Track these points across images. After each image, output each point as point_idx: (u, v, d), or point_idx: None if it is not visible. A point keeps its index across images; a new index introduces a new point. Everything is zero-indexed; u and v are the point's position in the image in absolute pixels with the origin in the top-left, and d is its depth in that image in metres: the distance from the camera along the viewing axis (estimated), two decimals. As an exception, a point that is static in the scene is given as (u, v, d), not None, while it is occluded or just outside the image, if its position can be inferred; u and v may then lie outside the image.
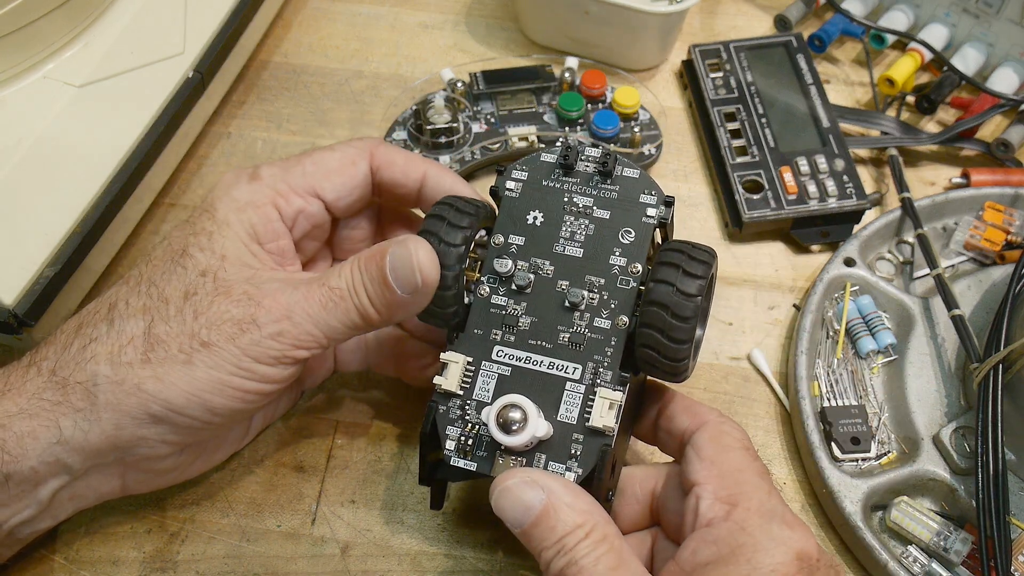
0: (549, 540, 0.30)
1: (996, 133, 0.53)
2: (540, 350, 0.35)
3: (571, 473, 0.33)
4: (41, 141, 0.42)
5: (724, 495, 0.32)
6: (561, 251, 0.36)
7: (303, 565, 0.38)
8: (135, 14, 0.47)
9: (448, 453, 0.35)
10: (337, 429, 0.42)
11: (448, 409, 0.35)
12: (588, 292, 0.35)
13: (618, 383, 0.34)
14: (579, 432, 0.34)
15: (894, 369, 0.43)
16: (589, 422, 0.33)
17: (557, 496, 0.31)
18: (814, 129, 0.51)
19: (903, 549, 0.38)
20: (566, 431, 0.34)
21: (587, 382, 0.34)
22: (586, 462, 0.33)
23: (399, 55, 0.57)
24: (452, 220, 0.35)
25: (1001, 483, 0.36)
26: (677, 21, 0.54)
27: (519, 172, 0.37)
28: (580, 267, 0.36)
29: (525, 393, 0.34)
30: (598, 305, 0.35)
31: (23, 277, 0.39)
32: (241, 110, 0.54)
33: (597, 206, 0.36)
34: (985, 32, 0.53)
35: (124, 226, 0.46)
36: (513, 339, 0.35)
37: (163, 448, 0.34)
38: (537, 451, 0.34)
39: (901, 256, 0.47)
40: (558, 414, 0.34)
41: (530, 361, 0.35)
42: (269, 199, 0.36)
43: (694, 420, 0.34)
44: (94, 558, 0.38)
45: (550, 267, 0.36)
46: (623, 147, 0.50)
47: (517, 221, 0.37)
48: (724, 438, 0.33)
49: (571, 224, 0.36)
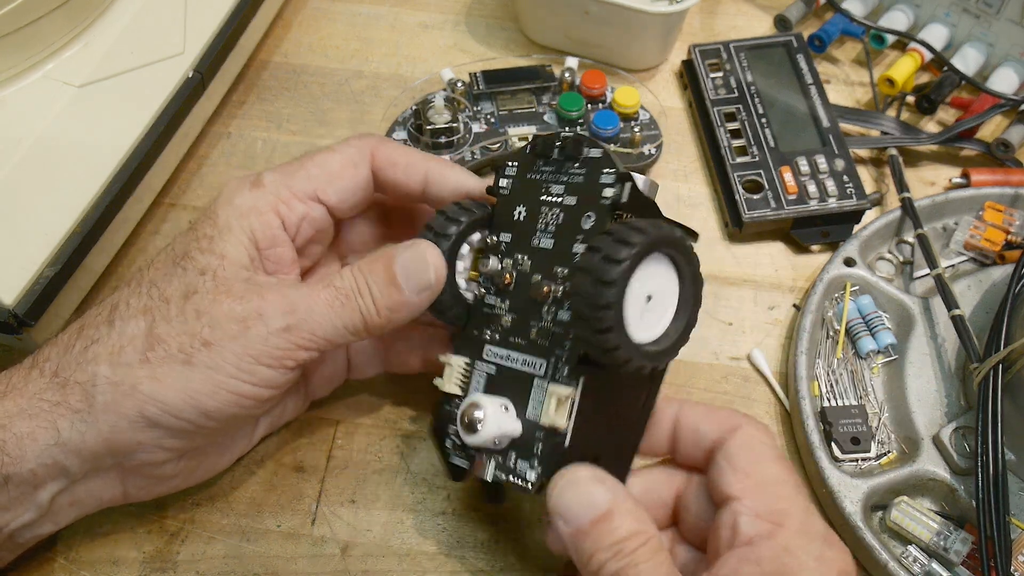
0: (606, 542, 0.30)
1: (996, 133, 0.53)
2: (517, 347, 0.34)
3: (532, 472, 0.32)
4: (41, 141, 0.42)
5: (764, 511, 0.30)
6: (536, 244, 0.35)
7: (303, 565, 0.38)
8: (135, 14, 0.48)
9: (447, 451, 0.35)
10: (337, 429, 0.42)
11: (450, 409, 0.35)
12: (552, 284, 0.34)
13: (571, 378, 0.32)
14: (540, 431, 0.33)
15: (894, 369, 0.43)
16: (540, 420, 0.32)
17: (621, 500, 0.30)
18: (814, 129, 0.51)
19: (903, 549, 0.38)
20: (532, 429, 0.33)
21: (549, 378, 0.33)
22: (546, 462, 0.32)
23: (399, 55, 0.57)
24: (450, 214, 0.36)
25: (1001, 483, 0.36)
26: (677, 21, 0.54)
27: (510, 169, 0.37)
28: (550, 259, 0.34)
29: (506, 392, 0.33)
30: (561, 297, 0.33)
31: (23, 277, 0.39)
32: (241, 110, 0.54)
33: (566, 193, 0.35)
34: (985, 32, 0.53)
35: (124, 226, 0.46)
36: (498, 337, 0.35)
37: (161, 454, 0.34)
38: (510, 449, 0.33)
39: (901, 256, 0.47)
40: (527, 412, 0.33)
41: (509, 359, 0.34)
42: (271, 206, 0.36)
43: (721, 426, 0.33)
44: (94, 558, 0.38)
45: (528, 261, 0.35)
46: (623, 147, 0.50)
47: (506, 218, 0.36)
48: (758, 446, 0.32)
49: (546, 215, 0.35)
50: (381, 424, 0.42)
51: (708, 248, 0.49)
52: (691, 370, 0.44)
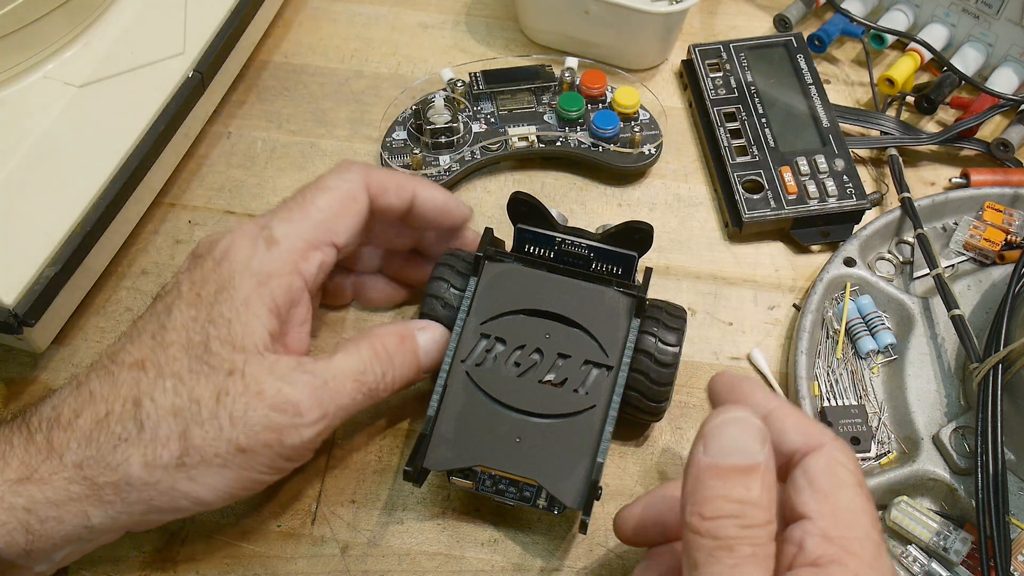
0: (736, 495, 0.26)
1: (996, 133, 0.53)
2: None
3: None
4: (41, 141, 0.42)
5: (836, 535, 0.28)
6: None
7: (303, 565, 0.38)
8: (135, 14, 0.48)
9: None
10: (337, 429, 0.42)
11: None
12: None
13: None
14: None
15: (894, 369, 0.43)
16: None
17: (770, 469, 0.27)
18: (814, 129, 0.51)
19: (903, 549, 0.38)
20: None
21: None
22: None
23: (399, 55, 0.57)
24: (456, 285, 0.40)
25: (1001, 483, 0.36)
26: (677, 21, 0.54)
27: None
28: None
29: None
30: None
31: (23, 277, 0.39)
32: (241, 110, 0.54)
33: None
34: (985, 32, 0.53)
35: (124, 226, 0.46)
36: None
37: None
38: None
39: (901, 256, 0.47)
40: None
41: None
42: (291, 265, 0.35)
43: (807, 439, 0.30)
44: (94, 558, 0.38)
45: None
46: (623, 147, 0.50)
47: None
48: (840, 470, 0.29)
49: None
50: (381, 424, 0.42)
51: (708, 248, 0.49)
52: (691, 370, 0.44)
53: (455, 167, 0.49)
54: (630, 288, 0.39)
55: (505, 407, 0.37)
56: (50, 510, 0.32)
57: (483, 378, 0.37)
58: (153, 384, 0.33)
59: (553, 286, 0.39)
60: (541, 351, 0.38)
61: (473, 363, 0.38)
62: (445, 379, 0.37)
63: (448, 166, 0.49)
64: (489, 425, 0.36)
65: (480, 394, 0.37)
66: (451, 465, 0.36)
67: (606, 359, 0.37)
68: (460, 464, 0.36)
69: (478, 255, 0.39)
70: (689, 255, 0.49)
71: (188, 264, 0.37)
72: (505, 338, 0.38)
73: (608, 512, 0.38)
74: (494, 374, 0.37)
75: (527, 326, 0.38)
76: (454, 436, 0.36)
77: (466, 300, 0.39)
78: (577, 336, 0.38)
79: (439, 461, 0.36)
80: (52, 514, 0.32)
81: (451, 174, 0.49)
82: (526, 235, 0.41)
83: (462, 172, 0.49)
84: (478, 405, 0.37)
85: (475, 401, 0.37)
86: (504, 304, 0.39)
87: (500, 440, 0.36)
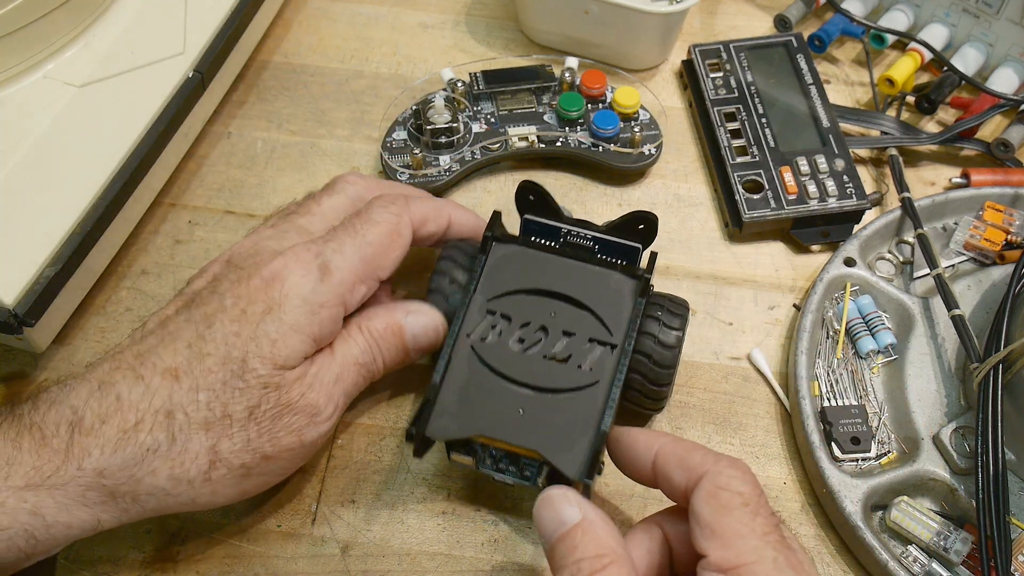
0: (569, 559, 0.30)
1: (996, 133, 0.53)
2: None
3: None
4: (41, 141, 0.42)
5: (729, 567, 0.29)
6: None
7: (303, 565, 0.38)
8: (135, 14, 0.48)
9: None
10: (337, 429, 0.42)
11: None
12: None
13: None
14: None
15: (894, 369, 0.43)
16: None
17: (590, 522, 0.31)
18: (814, 129, 0.51)
19: (903, 549, 0.38)
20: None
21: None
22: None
23: (399, 55, 0.57)
24: (455, 277, 0.40)
25: (1001, 483, 0.36)
26: (677, 21, 0.54)
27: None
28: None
29: None
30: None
31: (23, 277, 0.39)
32: (241, 110, 0.54)
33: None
34: (985, 32, 0.53)
35: (124, 226, 0.46)
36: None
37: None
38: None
39: (901, 256, 0.47)
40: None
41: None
42: (339, 297, 0.36)
43: (689, 476, 0.32)
44: (94, 558, 0.38)
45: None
46: (623, 147, 0.50)
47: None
48: (722, 496, 0.31)
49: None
50: (381, 424, 0.42)
51: (708, 248, 0.49)
52: (691, 370, 0.44)
53: (455, 167, 0.49)
54: (635, 271, 0.39)
55: (509, 380, 0.37)
56: (60, 515, 0.32)
57: (487, 352, 0.37)
58: (187, 396, 0.33)
59: (559, 267, 0.39)
60: (546, 329, 0.38)
61: (478, 337, 0.38)
62: (450, 350, 0.37)
63: (448, 166, 0.49)
64: (492, 398, 0.36)
65: (484, 367, 0.37)
66: (453, 435, 0.36)
67: (610, 338, 0.38)
68: (462, 434, 0.36)
69: (487, 235, 0.40)
70: (689, 255, 0.49)
71: (225, 271, 0.36)
72: (511, 315, 0.38)
73: (608, 512, 0.38)
74: (499, 349, 0.37)
75: (533, 304, 0.38)
76: (457, 408, 0.36)
77: (474, 278, 0.39)
78: (582, 316, 0.38)
79: (441, 430, 0.36)
80: (62, 519, 0.32)
81: (451, 174, 0.49)
82: (532, 226, 0.41)
83: (462, 172, 0.49)
84: (482, 378, 0.37)
85: (479, 374, 0.37)
86: (511, 283, 0.39)
87: (502, 412, 0.36)
